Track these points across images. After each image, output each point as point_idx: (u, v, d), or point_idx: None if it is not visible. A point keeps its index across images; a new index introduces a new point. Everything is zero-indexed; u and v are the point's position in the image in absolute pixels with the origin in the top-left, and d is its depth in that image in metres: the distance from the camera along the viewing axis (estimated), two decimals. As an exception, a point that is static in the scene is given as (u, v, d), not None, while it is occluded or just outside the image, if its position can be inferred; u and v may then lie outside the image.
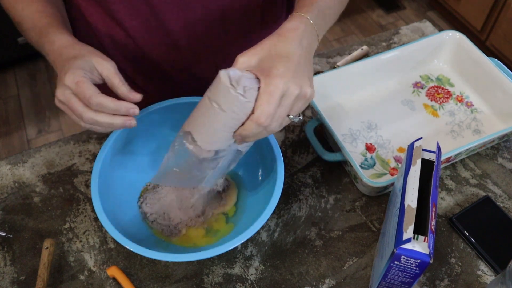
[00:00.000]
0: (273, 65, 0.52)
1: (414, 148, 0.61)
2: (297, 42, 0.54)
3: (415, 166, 0.59)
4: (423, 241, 0.53)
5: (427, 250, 0.53)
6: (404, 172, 0.60)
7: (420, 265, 0.54)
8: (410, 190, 0.57)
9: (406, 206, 0.56)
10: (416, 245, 0.53)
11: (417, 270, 0.55)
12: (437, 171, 0.60)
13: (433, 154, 0.61)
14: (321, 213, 0.74)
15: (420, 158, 0.60)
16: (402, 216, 0.55)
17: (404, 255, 0.53)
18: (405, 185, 0.58)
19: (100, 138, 0.83)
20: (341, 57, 0.96)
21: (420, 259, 0.53)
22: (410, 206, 0.55)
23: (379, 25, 2.40)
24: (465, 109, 0.86)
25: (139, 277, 0.68)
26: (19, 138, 1.95)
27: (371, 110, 0.86)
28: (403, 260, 0.54)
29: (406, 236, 0.53)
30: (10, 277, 0.68)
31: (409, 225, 0.54)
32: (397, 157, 0.80)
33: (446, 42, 0.90)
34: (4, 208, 0.75)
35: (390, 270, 0.58)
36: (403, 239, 0.53)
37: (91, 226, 0.73)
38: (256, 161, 0.75)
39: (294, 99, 0.52)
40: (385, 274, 0.60)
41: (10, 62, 2.16)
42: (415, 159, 0.60)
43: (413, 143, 0.62)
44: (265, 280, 0.68)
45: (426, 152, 0.61)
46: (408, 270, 0.56)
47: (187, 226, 0.70)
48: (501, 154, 0.81)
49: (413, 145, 0.62)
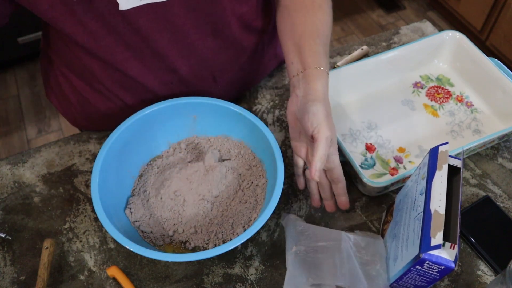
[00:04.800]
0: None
1: (439, 153, 0.60)
2: (328, 99, 0.67)
3: (441, 171, 0.58)
4: (450, 247, 0.53)
5: (454, 257, 0.53)
6: (426, 176, 0.59)
7: (443, 271, 0.54)
8: (437, 195, 0.56)
9: (433, 211, 0.55)
10: (443, 252, 0.53)
11: (437, 275, 0.55)
12: (462, 178, 0.59)
13: (459, 161, 0.60)
14: (321, 213, 0.74)
15: (447, 164, 0.59)
16: (428, 221, 0.54)
17: (429, 261, 0.53)
18: (429, 189, 0.57)
19: (100, 138, 0.83)
20: (341, 57, 0.96)
21: (444, 266, 0.53)
22: (437, 211, 0.55)
23: (379, 25, 2.40)
24: (465, 109, 0.86)
25: (139, 277, 0.68)
26: (19, 138, 1.95)
27: (371, 110, 0.86)
28: (426, 265, 0.54)
29: (435, 242, 0.52)
30: (10, 277, 0.68)
31: (438, 231, 0.53)
32: (397, 157, 0.80)
33: (446, 42, 0.90)
34: (4, 208, 0.75)
35: (408, 273, 0.58)
36: (431, 245, 0.53)
37: (91, 226, 0.73)
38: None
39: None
40: (401, 276, 0.59)
41: (10, 62, 2.16)
42: (441, 163, 0.59)
43: (438, 147, 0.61)
44: (265, 280, 0.68)
45: (450, 158, 0.61)
46: (428, 275, 0.56)
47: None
48: (501, 154, 0.81)
49: (438, 149, 0.61)
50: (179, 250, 0.68)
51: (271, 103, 0.88)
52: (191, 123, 0.78)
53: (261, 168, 0.74)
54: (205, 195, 0.71)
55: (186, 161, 0.76)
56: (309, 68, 0.67)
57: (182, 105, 0.75)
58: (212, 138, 0.79)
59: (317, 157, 0.61)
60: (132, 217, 0.70)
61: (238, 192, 0.72)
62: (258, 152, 0.75)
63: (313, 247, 0.65)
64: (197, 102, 0.75)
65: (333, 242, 0.65)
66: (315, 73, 0.66)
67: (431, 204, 0.56)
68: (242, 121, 0.74)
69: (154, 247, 0.68)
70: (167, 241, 0.68)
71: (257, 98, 0.89)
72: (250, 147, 0.76)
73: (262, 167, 0.74)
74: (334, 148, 0.66)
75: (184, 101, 0.75)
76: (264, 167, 0.74)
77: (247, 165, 0.75)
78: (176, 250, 0.68)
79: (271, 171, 0.71)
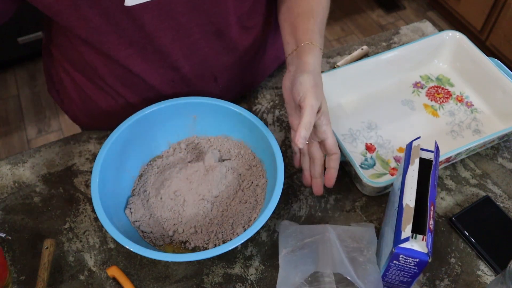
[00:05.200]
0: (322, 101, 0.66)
1: (412, 148, 0.61)
2: (319, 71, 0.68)
3: (413, 165, 0.59)
4: (421, 240, 0.53)
5: (426, 249, 0.53)
6: (402, 171, 0.60)
7: (419, 264, 0.54)
8: (408, 189, 0.57)
9: (405, 205, 0.56)
10: (414, 244, 0.53)
11: (416, 269, 0.55)
12: (435, 170, 0.60)
13: (431, 154, 0.61)
14: (321, 213, 0.74)
15: (418, 158, 0.60)
16: (401, 216, 0.55)
17: (403, 254, 0.54)
18: (403, 184, 0.58)
19: (100, 138, 0.83)
20: (341, 57, 0.96)
21: (418, 258, 0.53)
22: (408, 205, 0.56)
23: (379, 25, 2.40)
24: (465, 109, 0.86)
25: (139, 277, 0.68)
26: (19, 138, 1.95)
27: (371, 110, 0.86)
28: (401, 260, 0.55)
29: (404, 235, 0.53)
30: (10, 277, 0.68)
31: (407, 224, 0.54)
32: (397, 157, 0.80)
33: (446, 42, 0.90)
34: (4, 208, 0.75)
35: (389, 270, 0.58)
36: (401, 238, 0.53)
37: (91, 226, 0.73)
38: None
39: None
40: (385, 273, 0.60)
41: (10, 62, 2.16)
42: (413, 158, 0.60)
43: (411, 142, 0.62)
44: (265, 280, 0.68)
45: (424, 151, 0.61)
46: (407, 269, 0.56)
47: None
48: (501, 154, 0.81)
49: (412, 145, 0.62)
50: (179, 250, 0.68)
51: (271, 103, 0.88)
52: (191, 123, 0.78)
53: (261, 168, 0.74)
54: (205, 195, 0.71)
55: (186, 161, 0.76)
56: (301, 44, 0.68)
57: (182, 105, 0.75)
58: (212, 138, 0.79)
59: (302, 124, 0.61)
60: (132, 217, 0.70)
61: (238, 192, 0.72)
62: (258, 152, 0.75)
63: (299, 245, 0.65)
64: (197, 102, 0.75)
65: (317, 236, 0.66)
66: (307, 48, 0.67)
67: (403, 198, 0.56)
68: (242, 121, 0.74)
69: (154, 247, 0.68)
70: (167, 241, 0.68)
71: (257, 98, 0.89)
72: (250, 147, 0.76)
73: (262, 167, 0.74)
74: (326, 119, 0.66)
75: (184, 101, 0.75)
76: (264, 167, 0.74)
77: (247, 165, 0.75)
78: (176, 250, 0.68)
79: (271, 171, 0.71)
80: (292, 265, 0.63)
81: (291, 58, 0.69)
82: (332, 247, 0.63)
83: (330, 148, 0.67)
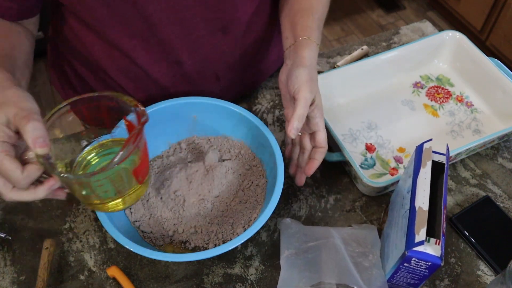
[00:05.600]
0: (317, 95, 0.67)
1: (423, 150, 0.61)
2: (315, 65, 0.69)
3: (425, 168, 0.58)
4: (435, 243, 0.53)
5: (439, 253, 0.53)
6: (412, 173, 0.60)
7: (430, 267, 0.54)
8: (421, 192, 0.56)
9: (417, 208, 0.55)
10: (428, 248, 0.53)
11: (426, 272, 0.55)
12: (447, 173, 0.60)
13: (443, 156, 0.60)
14: (321, 213, 0.74)
15: (431, 160, 0.59)
16: (413, 219, 0.55)
17: (415, 257, 0.53)
18: (414, 187, 0.58)
19: (100, 138, 0.83)
20: (341, 57, 0.96)
21: (431, 262, 0.53)
22: (421, 208, 0.55)
23: (379, 25, 2.40)
24: (465, 109, 0.86)
25: (139, 277, 0.68)
26: (19, 138, 1.95)
27: (371, 110, 0.86)
28: (413, 262, 0.54)
29: (419, 238, 0.53)
30: (10, 277, 0.68)
31: (422, 228, 0.53)
32: (397, 157, 0.80)
33: (446, 42, 0.90)
34: (4, 208, 0.75)
35: (398, 272, 0.58)
36: (415, 242, 0.53)
37: (91, 226, 0.73)
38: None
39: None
40: (392, 275, 0.59)
41: (10, 62, 2.15)
42: (425, 161, 0.59)
43: (422, 144, 0.61)
44: (265, 280, 0.68)
45: (435, 154, 0.61)
46: (417, 272, 0.56)
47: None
48: (501, 154, 0.81)
49: (422, 147, 0.61)
50: (179, 250, 0.68)
51: (271, 103, 0.88)
52: (191, 123, 0.78)
53: (261, 168, 0.74)
54: (205, 195, 0.71)
55: (186, 161, 0.76)
56: (299, 39, 0.69)
57: (182, 105, 0.75)
58: (212, 138, 0.79)
59: (295, 115, 0.62)
60: (132, 217, 0.70)
61: (238, 192, 0.72)
62: (258, 152, 0.75)
63: (303, 248, 0.65)
64: (197, 102, 0.75)
65: (321, 240, 0.66)
66: (304, 43, 0.68)
67: (416, 201, 0.56)
68: (242, 121, 0.74)
69: (154, 247, 0.68)
70: (167, 241, 0.68)
71: (257, 98, 0.89)
72: (250, 147, 0.76)
73: (262, 167, 0.74)
74: (319, 112, 0.67)
75: (184, 101, 0.75)
76: (264, 167, 0.74)
77: (247, 165, 0.75)
78: (176, 250, 0.68)
79: (271, 171, 0.71)
80: (296, 269, 0.63)
81: (289, 52, 0.70)
82: (337, 254, 0.63)
83: (319, 141, 0.68)
